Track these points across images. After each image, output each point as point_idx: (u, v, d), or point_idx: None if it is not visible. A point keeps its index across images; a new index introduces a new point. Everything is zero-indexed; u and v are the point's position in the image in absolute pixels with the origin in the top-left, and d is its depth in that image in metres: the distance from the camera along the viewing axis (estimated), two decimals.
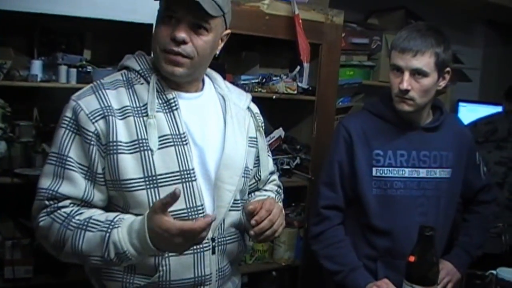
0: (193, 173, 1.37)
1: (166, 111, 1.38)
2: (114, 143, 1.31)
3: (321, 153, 2.22)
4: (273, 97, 2.41)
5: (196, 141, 1.41)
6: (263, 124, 1.63)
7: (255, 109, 1.63)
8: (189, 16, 1.31)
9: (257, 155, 1.58)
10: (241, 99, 1.58)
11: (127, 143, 1.32)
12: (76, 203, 1.33)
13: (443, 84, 1.81)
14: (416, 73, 1.71)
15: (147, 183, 1.32)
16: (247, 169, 1.50)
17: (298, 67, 2.44)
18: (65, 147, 1.32)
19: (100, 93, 1.35)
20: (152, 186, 1.33)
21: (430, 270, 1.48)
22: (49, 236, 1.32)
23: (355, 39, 2.95)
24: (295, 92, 2.48)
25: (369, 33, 3.01)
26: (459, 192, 1.96)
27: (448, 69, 1.79)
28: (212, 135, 1.45)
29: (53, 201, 1.32)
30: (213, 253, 1.41)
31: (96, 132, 1.31)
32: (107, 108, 1.33)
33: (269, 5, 2.30)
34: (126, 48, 1.53)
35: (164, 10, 1.35)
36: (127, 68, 1.44)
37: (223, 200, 1.42)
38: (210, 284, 1.42)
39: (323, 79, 2.52)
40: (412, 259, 1.48)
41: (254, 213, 1.36)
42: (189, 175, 1.36)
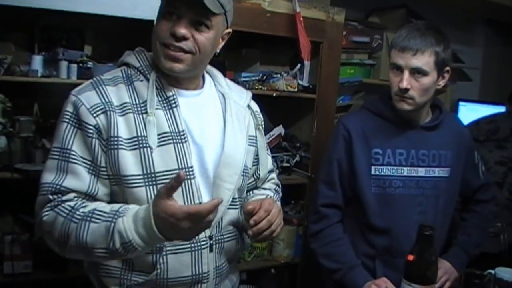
0: (192, 171, 1.37)
1: (165, 108, 1.37)
2: (115, 138, 1.30)
3: (321, 151, 2.22)
4: (274, 94, 2.41)
5: (195, 139, 1.41)
6: (262, 122, 1.62)
7: (255, 107, 1.62)
8: (190, 12, 1.31)
9: (256, 154, 1.58)
10: (242, 97, 1.57)
11: (127, 139, 1.32)
12: (80, 196, 1.31)
13: (442, 83, 1.81)
14: (415, 72, 1.71)
15: (146, 180, 1.32)
16: (246, 168, 1.50)
17: (298, 65, 2.43)
18: (68, 141, 1.31)
19: (100, 89, 1.34)
20: (150, 183, 1.32)
21: (429, 269, 1.48)
22: (53, 230, 1.29)
23: (356, 38, 2.94)
24: (296, 89, 2.47)
25: (370, 32, 3.00)
26: (458, 191, 1.96)
27: (447, 68, 1.79)
28: (211, 133, 1.45)
29: (57, 195, 1.29)
30: (211, 251, 1.41)
31: (97, 126, 1.30)
32: (108, 103, 1.32)
33: (270, 2, 2.30)
34: (126, 44, 1.53)
35: (165, 6, 1.34)
36: (127, 64, 1.43)
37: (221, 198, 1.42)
38: (207, 282, 1.42)
39: (323, 77, 2.52)
40: (411, 258, 1.48)
41: (252, 213, 1.36)
42: (187, 173, 1.35)
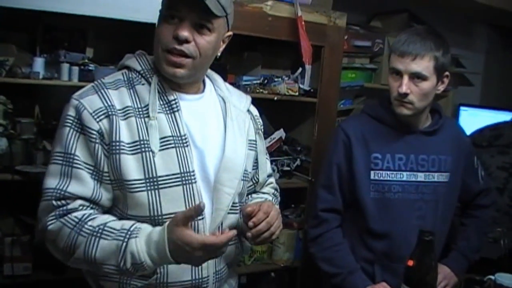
0: (193, 175, 1.36)
1: (167, 112, 1.37)
2: (117, 143, 1.30)
3: (322, 155, 2.22)
4: (275, 98, 2.41)
5: (196, 143, 1.40)
6: (262, 126, 1.63)
7: (255, 112, 1.62)
8: (192, 15, 1.31)
9: (256, 158, 1.58)
10: (241, 101, 1.57)
11: (129, 143, 1.32)
12: (85, 205, 1.31)
13: (442, 88, 1.82)
14: (415, 76, 1.71)
15: (148, 184, 1.31)
16: (246, 172, 1.50)
17: (300, 69, 2.44)
18: (71, 146, 1.30)
19: (102, 93, 1.34)
20: (152, 187, 1.32)
21: (428, 274, 1.48)
22: (57, 240, 1.29)
23: (358, 42, 2.93)
24: (297, 93, 2.48)
25: (371, 36, 3.00)
26: (457, 196, 1.96)
27: (447, 73, 1.79)
28: (212, 137, 1.45)
29: (61, 202, 1.28)
30: None
31: (100, 131, 1.30)
32: (110, 107, 1.31)
33: (272, 6, 2.30)
34: (128, 46, 1.53)
35: (166, 9, 1.33)
36: (128, 67, 1.43)
37: (222, 203, 1.41)
38: (207, 286, 1.41)
39: (325, 81, 2.52)
40: (411, 263, 1.48)
41: (251, 215, 1.36)
42: (189, 177, 1.35)
